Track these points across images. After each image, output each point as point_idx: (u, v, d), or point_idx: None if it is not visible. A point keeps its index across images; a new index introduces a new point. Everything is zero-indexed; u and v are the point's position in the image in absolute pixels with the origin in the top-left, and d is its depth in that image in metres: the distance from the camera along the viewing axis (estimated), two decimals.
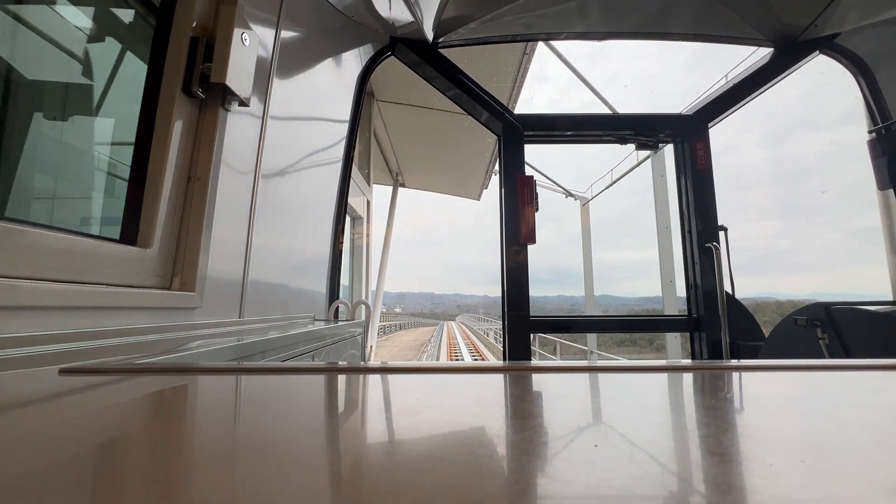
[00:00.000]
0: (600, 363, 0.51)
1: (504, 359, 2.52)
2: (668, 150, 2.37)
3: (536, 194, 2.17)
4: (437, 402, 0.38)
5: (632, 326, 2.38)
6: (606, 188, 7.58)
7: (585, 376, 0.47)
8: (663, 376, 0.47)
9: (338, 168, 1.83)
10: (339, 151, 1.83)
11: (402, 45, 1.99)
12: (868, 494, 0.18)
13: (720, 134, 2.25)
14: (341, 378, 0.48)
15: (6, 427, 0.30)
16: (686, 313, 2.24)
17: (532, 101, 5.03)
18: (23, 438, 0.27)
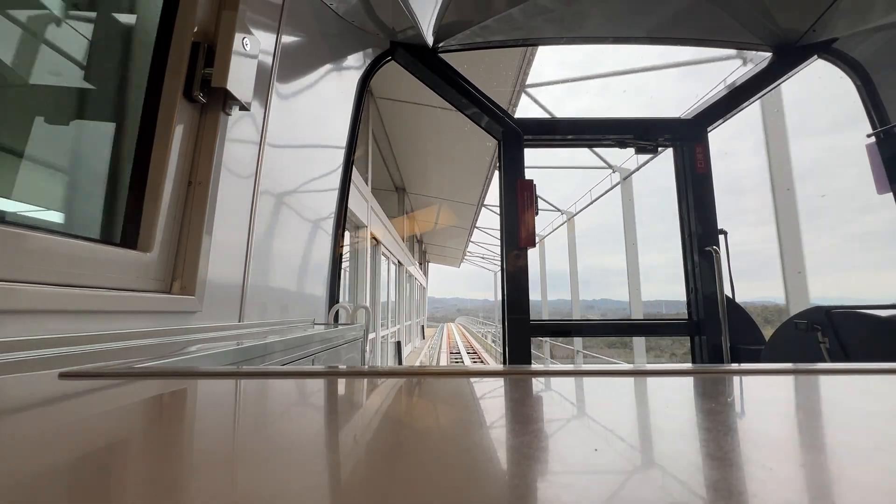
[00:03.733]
0: (600, 367, 0.51)
1: (504, 363, 2.51)
2: (636, 177, 2.41)
3: (536, 198, 2.17)
4: (438, 407, 0.38)
5: (631, 330, 2.38)
6: (587, 206, 8.80)
7: (585, 380, 0.47)
8: (664, 380, 0.47)
9: (338, 172, 1.83)
10: (340, 155, 1.84)
11: (402, 49, 2.00)
12: (869, 499, 0.18)
13: (714, 140, 2.26)
14: (341, 382, 0.48)
15: (6, 431, 0.30)
16: (686, 317, 2.24)
17: (531, 106, 5.13)
18: (23, 442, 0.27)
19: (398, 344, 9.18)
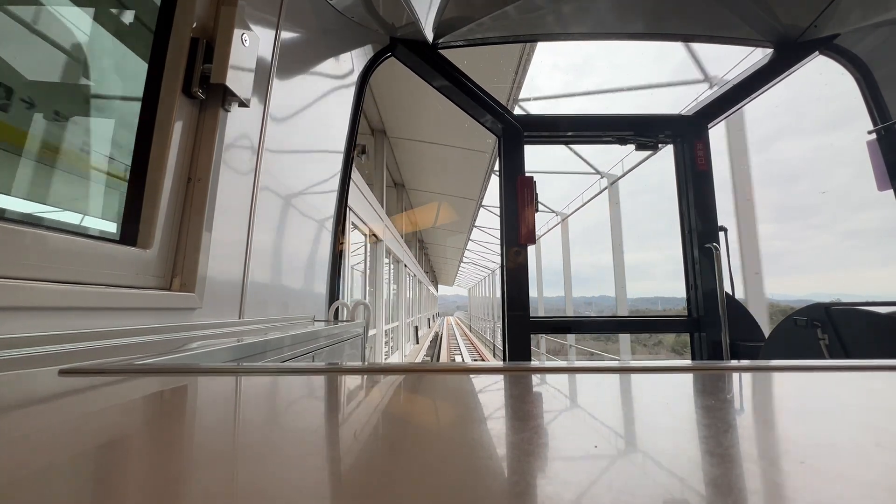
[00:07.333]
0: (600, 364, 0.51)
1: (504, 359, 2.52)
2: (622, 182, 2.41)
3: (536, 195, 2.17)
4: (437, 403, 0.38)
5: (631, 327, 2.38)
6: (579, 208, 9.29)
7: (584, 377, 0.47)
8: (663, 377, 0.47)
9: (338, 168, 1.83)
10: (340, 151, 1.83)
11: (402, 45, 1.99)
12: (868, 496, 0.18)
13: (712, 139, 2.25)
14: (341, 379, 0.48)
15: (6, 428, 0.30)
16: (686, 313, 2.24)
17: (530, 103, 5.11)
18: (23, 439, 0.27)
19: (416, 328, 13.05)
